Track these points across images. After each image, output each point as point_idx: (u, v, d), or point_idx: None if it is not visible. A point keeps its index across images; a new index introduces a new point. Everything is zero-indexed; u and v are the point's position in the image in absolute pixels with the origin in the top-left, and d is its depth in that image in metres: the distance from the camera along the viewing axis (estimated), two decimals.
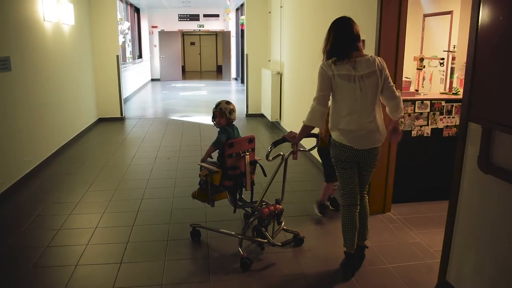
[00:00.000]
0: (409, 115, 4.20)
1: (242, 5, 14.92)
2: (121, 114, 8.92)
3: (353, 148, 2.85)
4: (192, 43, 22.61)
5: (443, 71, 5.04)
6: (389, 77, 2.87)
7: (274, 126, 8.37)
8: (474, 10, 2.48)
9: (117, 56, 8.58)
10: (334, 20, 2.94)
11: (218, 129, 3.39)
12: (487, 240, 2.46)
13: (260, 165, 3.47)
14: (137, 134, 7.70)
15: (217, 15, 17.96)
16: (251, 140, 3.40)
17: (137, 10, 15.83)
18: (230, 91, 15.01)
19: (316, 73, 2.88)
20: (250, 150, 3.38)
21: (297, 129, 3.08)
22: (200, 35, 22.28)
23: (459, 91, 4.48)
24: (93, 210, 4.20)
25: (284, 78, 7.73)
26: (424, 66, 4.43)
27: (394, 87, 2.88)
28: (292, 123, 7.23)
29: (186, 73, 19.74)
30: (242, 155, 3.29)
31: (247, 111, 9.45)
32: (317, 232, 3.75)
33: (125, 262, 3.19)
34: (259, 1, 8.86)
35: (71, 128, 6.91)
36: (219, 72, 22.35)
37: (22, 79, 5.04)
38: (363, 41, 4.07)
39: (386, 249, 3.41)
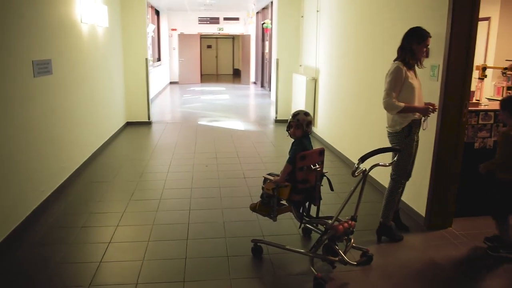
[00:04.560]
0: (473, 126, 4.01)
1: (264, 8, 14.79)
2: (149, 118, 8.79)
3: None
4: (209, 46, 22.49)
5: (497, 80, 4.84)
6: (386, 83, 3.47)
7: None
8: None
9: (146, 59, 8.45)
10: None
11: (293, 140, 3.21)
12: None
13: (328, 178, 3.28)
14: (168, 139, 7.55)
15: (237, 19, 17.83)
16: (321, 152, 3.22)
17: (157, 13, 15.74)
18: (252, 95, 14.85)
19: (360, 81, 2.88)
20: (319, 162, 3.20)
21: (332, 137, 2.91)
22: (217, 38, 22.15)
23: None
24: (140, 222, 4.04)
25: (319, 85, 7.54)
26: (486, 76, 4.22)
27: (384, 92, 3.46)
28: (327, 130, 7.04)
29: (202, 76, 19.59)
30: (313, 168, 3.11)
31: (276, 117, 9.27)
32: (382, 249, 3.56)
33: (188, 281, 3.02)
34: (291, 6, 8.70)
35: (102, 132, 6.77)
36: (235, 75, 22.21)
37: (61, 83, 4.90)
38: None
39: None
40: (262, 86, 16.47)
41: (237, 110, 11.09)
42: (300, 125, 3.18)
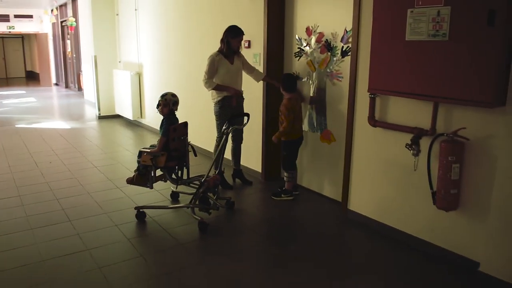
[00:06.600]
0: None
1: (61, 6, 14.29)
2: None
3: None
4: None
5: None
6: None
7: (133, 124, 8.69)
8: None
9: None
10: None
11: (163, 116, 3.87)
12: (377, 171, 3.62)
13: (192, 146, 4.06)
14: None
15: (31, 16, 16.58)
16: (186, 125, 3.97)
17: None
18: (60, 96, 14.23)
19: (185, 71, 3.94)
20: (185, 134, 3.94)
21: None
22: (3, 37, 20.04)
23: None
24: (11, 217, 4.10)
25: (144, 78, 8.11)
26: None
27: (203, 74, 4.47)
28: (155, 119, 7.67)
29: None
30: (182, 138, 3.84)
31: (99, 113, 9.42)
32: (239, 197, 4.55)
33: (91, 248, 3.41)
34: (103, 4, 8.95)
35: None
36: (29, 78, 20.56)
37: None
38: (248, 41, 4.98)
39: None
40: (67, 87, 15.89)
41: (52, 111, 10.82)
42: (167, 104, 3.88)
